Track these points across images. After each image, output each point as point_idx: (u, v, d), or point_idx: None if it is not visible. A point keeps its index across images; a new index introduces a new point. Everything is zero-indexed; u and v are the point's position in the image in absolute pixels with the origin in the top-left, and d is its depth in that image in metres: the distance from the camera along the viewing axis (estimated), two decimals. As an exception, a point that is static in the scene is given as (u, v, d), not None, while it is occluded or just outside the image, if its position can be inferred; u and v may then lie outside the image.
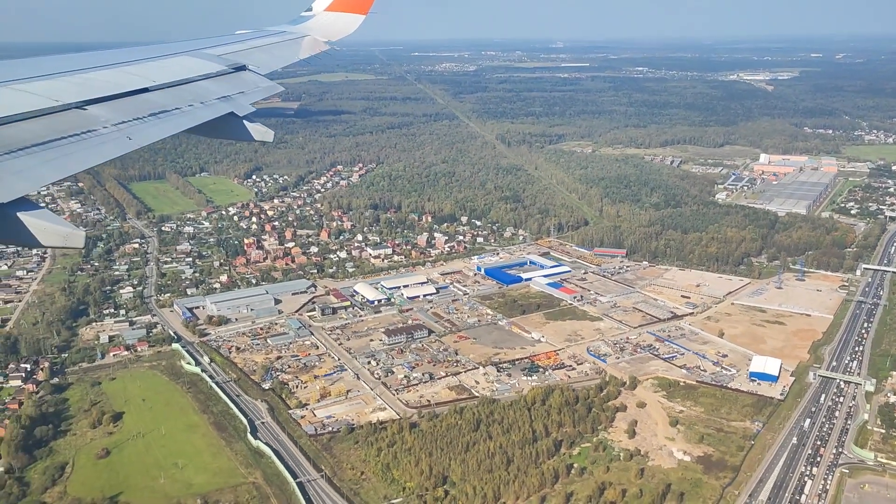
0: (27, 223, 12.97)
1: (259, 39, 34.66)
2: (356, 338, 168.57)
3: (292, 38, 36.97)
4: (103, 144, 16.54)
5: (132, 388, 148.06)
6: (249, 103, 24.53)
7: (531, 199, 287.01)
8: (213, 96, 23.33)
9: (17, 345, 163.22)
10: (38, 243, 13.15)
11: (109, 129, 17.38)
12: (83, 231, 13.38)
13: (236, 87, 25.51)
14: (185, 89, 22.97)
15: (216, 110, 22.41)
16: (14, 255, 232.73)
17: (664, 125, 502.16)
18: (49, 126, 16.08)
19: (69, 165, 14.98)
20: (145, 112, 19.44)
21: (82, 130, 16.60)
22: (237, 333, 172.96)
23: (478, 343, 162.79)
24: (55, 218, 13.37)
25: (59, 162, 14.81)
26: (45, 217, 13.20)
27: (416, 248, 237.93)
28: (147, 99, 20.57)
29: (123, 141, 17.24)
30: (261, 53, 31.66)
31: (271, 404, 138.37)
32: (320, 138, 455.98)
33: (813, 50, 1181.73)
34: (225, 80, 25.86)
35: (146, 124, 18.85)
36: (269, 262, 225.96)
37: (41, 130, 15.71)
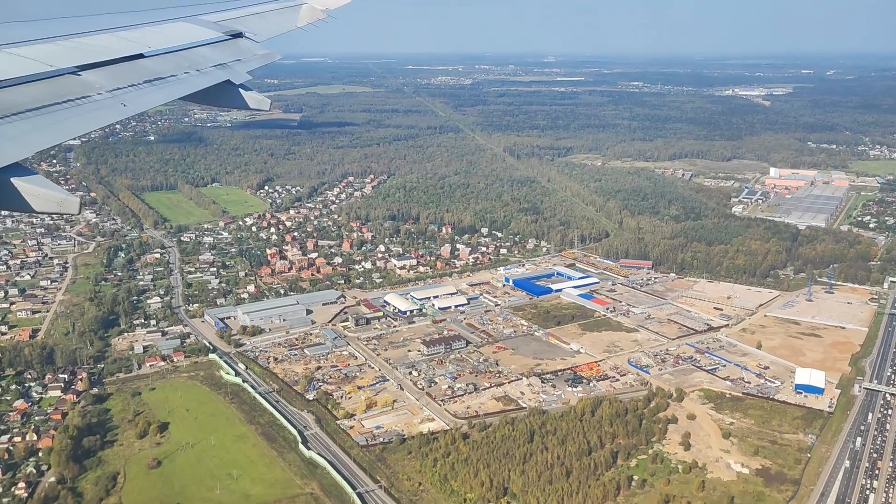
0: (21, 188, 12.89)
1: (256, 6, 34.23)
2: (393, 348, 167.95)
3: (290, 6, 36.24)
4: (98, 111, 16.38)
5: (173, 398, 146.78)
6: (246, 71, 24.36)
7: (550, 210, 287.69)
8: (209, 63, 23.17)
9: (52, 355, 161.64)
10: (31, 209, 13.08)
11: (104, 96, 17.18)
12: (77, 198, 13.35)
13: (233, 54, 25.41)
14: (181, 56, 22.79)
15: (212, 78, 22.24)
16: (36, 266, 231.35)
17: (670, 139, 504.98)
18: (43, 91, 15.90)
19: (63, 131, 14.89)
20: (140, 78, 19.25)
21: (77, 96, 16.41)
22: (273, 344, 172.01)
23: (517, 354, 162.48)
24: (49, 184, 13.28)
25: (54, 128, 14.71)
26: (38, 182, 13.13)
27: (441, 259, 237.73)
28: (142, 65, 20.36)
29: (118, 107, 17.08)
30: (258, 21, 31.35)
31: (317, 415, 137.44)
32: (328, 150, 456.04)
33: (803, 66, 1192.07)
34: (221, 47, 25.70)
35: (141, 91, 18.66)
36: (295, 273, 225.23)
37: (35, 95, 15.52)
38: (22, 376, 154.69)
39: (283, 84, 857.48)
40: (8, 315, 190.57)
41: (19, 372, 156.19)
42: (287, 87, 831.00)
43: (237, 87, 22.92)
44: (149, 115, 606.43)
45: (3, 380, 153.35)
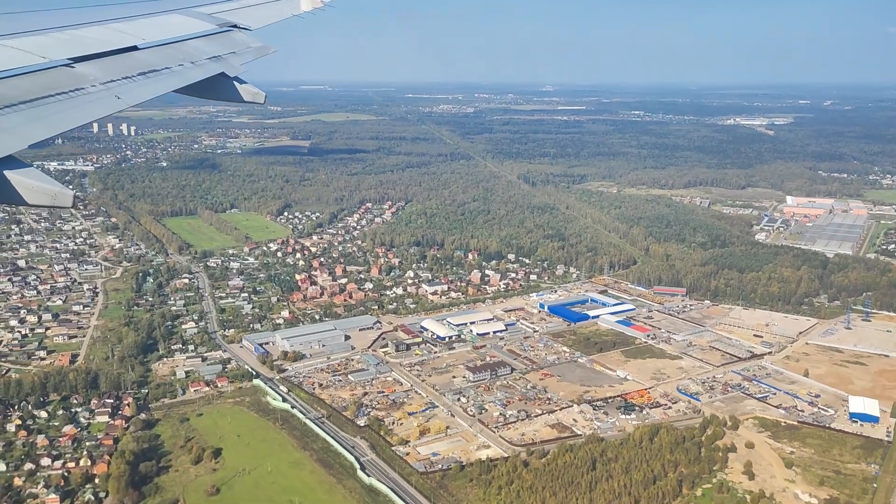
0: (14, 181, 12.78)
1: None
2: (437, 374, 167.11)
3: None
4: (92, 103, 16.32)
5: (222, 424, 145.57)
6: (240, 64, 24.23)
7: (575, 237, 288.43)
8: (203, 56, 23.05)
9: (96, 380, 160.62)
10: (24, 202, 12.94)
11: (98, 88, 17.11)
12: (71, 191, 13.29)
13: (227, 46, 25.26)
14: (175, 48, 22.70)
15: (207, 70, 22.14)
16: (66, 290, 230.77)
17: (682, 167, 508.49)
18: (36, 83, 15.82)
19: (57, 123, 14.83)
20: (134, 71, 19.14)
21: (70, 88, 16.33)
22: (315, 369, 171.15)
23: (564, 380, 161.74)
24: (43, 176, 13.22)
25: (47, 120, 14.67)
26: (32, 175, 13.02)
27: (471, 284, 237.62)
28: (136, 57, 20.26)
29: (112, 100, 17.00)
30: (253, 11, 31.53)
31: (371, 441, 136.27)
32: (342, 176, 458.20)
33: (799, 97, 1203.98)
34: (216, 39, 25.57)
35: (135, 83, 18.54)
36: (327, 298, 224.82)
37: (28, 88, 15.45)
38: (68, 401, 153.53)
39: (286, 111, 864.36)
40: (45, 340, 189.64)
41: (65, 397, 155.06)
42: (290, 115, 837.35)
43: (231, 80, 22.92)
44: (158, 142, 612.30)
45: (49, 405, 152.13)
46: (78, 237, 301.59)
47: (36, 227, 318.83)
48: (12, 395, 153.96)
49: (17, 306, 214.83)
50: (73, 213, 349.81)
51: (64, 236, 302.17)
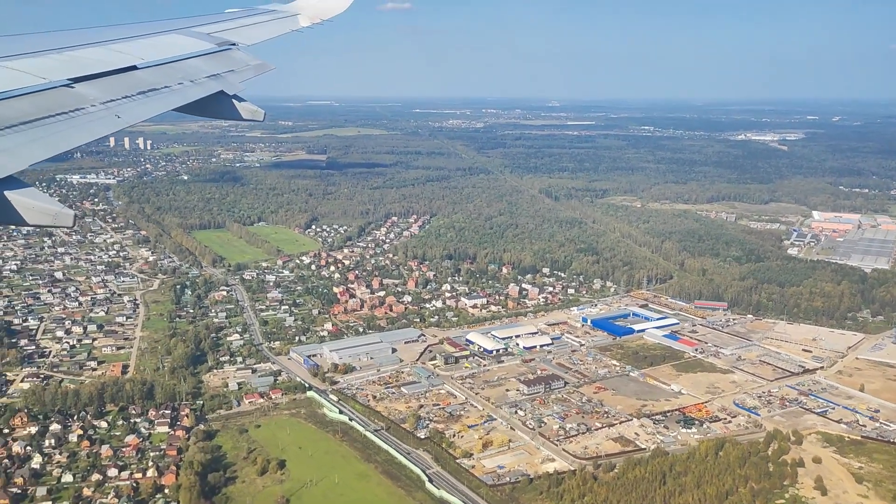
0: (14, 201, 12.75)
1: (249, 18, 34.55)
2: (489, 387, 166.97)
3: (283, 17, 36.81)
4: (92, 123, 16.41)
5: (282, 435, 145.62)
6: (239, 82, 24.41)
7: (609, 251, 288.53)
8: (202, 74, 23.22)
9: (152, 391, 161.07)
10: (24, 222, 12.90)
11: (98, 108, 17.22)
12: (72, 211, 13.27)
13: (226, 65, 25.44)
14: (175, 67, 22.87)
15: (206, 89, 22.30)
16: (107, 302, 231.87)
17: (702, 182, 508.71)
18: (36, 104, 15.92)
19: (57, 144, 14.88)
20: (134, 90, 19.32)
21: (70, 108, 16.45)
22: (367, 381, 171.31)
23: (618, 394, 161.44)
24: (43, 196, 13.20)
25: (47, 140, 14.72)
26: (32, 195, 12.98)
27: (510, 298, 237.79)
28: (136, 77, 20.44)
29: (112, 119, 17.10)
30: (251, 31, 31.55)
31: (433, 453, 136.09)
32: (365, 190, 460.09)
33: (805, 113, 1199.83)
34: (214, 58, 25.70)
35: (135, 103, 18.71)
36: (367, 311, 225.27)
37: (28, 108, 15.53)
38: (126, 412, 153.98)
39: (297, 126, 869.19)
40: (93, 351, 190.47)
41: (122, 407, 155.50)
42: (302, 129, 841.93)
43: (230, 98, 22.98)
44: (176, 156, 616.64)
45: (107, 415, 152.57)
46: (111, 249, 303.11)
47: (68, 239, 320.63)
48: (70, 405, 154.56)
49: (62, 317, 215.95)
50: (103, 225, 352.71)
51: (97, 249, 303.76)
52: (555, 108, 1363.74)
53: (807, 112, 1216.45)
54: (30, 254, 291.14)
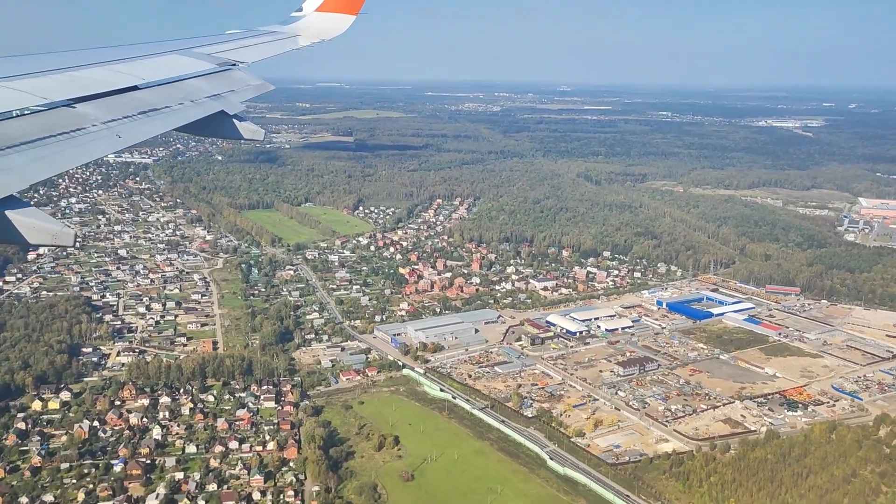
0: (15, 221, 12.84)
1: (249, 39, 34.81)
2: (582, 368, 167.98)
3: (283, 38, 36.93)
4: (93, 143, 16.44)
5: (387, 412, 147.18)
6: (240, 102, 24.53)
7: (667, 235, 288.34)
8: (203, 95, 23.31)
9: (251, 366, 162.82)
10: (25, 242, 12.96)
11: (99, 127, 17.25)
12: (72, 229, 13.33)
13: (227, 85, 25.54)
14: (176, 87, 22.97)
15: (206, 109, 22.42)
16: (177, 280, 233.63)
17: (739, 168, 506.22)
18: (37, 124, 15.97)
19: (58, 163, 14.90)
20: (135, 110, 19.41)
21: (71, 128, 16.48)
22: (458, 361, 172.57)
23: (714, 377, 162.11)
24: (44, 216, 13.24)
25: (48, 160, 14.73)
26: (33, 215, 13.06)
27: (577, 281, 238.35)
28: (137, 97, 20.53)
29: (113, 139, 17.16)
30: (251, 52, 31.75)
31: (544, 432, 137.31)
32: (402, 172, 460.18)
33: (821, 100, 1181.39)
34: (215, 78, 25.82)
35: (136, 122, 18.82)
36: (438, 292, 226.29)
37: (30, 128, 15.55)
38: (228, 386, 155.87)
39: (315, 108, 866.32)
40: (177, 327, 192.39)
41: (224, 383, 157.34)
42: (320, 111, 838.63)
43: (231, 118, 22.94)
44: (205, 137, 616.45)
45: (210, 389, 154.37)
46: (166, 228, 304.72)
47: (122, 217, 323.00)
48: (173, 378, 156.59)
49: (138, 294, 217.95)
50: (152, 204, 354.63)
51: (152, 227, 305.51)
52: (567, 93, 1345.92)
53: (821, 99, 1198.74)
54: (88, 231, 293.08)
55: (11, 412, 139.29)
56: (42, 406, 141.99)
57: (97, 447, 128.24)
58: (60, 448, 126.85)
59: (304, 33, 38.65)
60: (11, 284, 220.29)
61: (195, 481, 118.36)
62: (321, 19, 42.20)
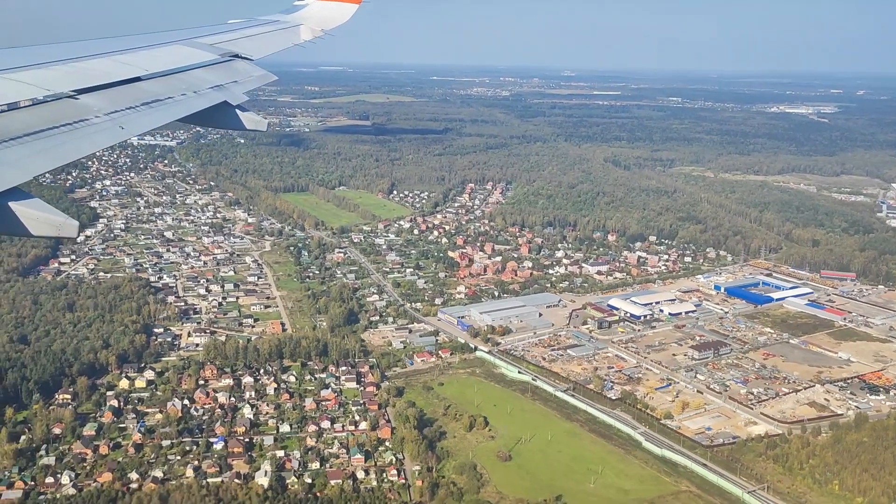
0: (18, 213, 12.83)
1: (252, 28, 34.64)
2: (654, 351, 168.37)
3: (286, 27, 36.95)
4: (95, 134, 16.42)
5: (469, 393, 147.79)
6: (243, 92, 24.54)
7: (712, 220, 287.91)
8: (206, 85, 23.28)
9: (326, 348, 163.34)
10: (28, 233, 12.97)
11: (101, 119, 17.21)
12: (76, 221, 13.32)
13: (229, 75, 25.52)
14: (178, 78, 22.91)
15: (209, 99, 22.37)
16: (229, 262, 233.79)
17: (765, 154, 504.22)
18: (40, 115, 15.94)
19: (61, 155, 14.89)
20: (138, 101, 19.35)
21: (74, 120, 16.44)
22: (528, 343, 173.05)
23: (788, 361, 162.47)
24: (48, 207, 13.21)
25: (52, 152, 14.72)
26: (36, 206, 13.03)
27: (629, 265, 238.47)
28: (140, 88, 20.46)
29: (115, 130, 17.14)
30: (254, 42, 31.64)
31: (632, 414, 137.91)
32: (428, 157, 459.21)
33: (828, 86, 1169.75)
34: (218, 68, 25.81)
35: (139, 113, 18.75)
36: (492, 275, 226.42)
37: (32, 120, 15.56)
38: (307, 367, 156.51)
39: (325, 92, 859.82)
40: (241, 308, 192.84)
41: (303, 364, 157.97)
42: (330, 95, 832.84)
43: (234, 108, 22.86)
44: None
45: (288, 370, 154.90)
46: (206, 211, 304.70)
47: (159, 200, 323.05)
48: (250, 359, 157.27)
49: (194, 276, 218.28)
50: (187, 187, 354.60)
51: (192, 210, 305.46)
52: (571, 78, 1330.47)
53: (826, 86, 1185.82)
54: (129, 214, 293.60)
55: (100, 390, 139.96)
56: (129, 385, 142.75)
57: (192, 425, 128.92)
58: (157, 426, 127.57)
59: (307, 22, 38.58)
60: (67, 265, 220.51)
61: (297, 460, 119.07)
62: (324, 8, 42.38)
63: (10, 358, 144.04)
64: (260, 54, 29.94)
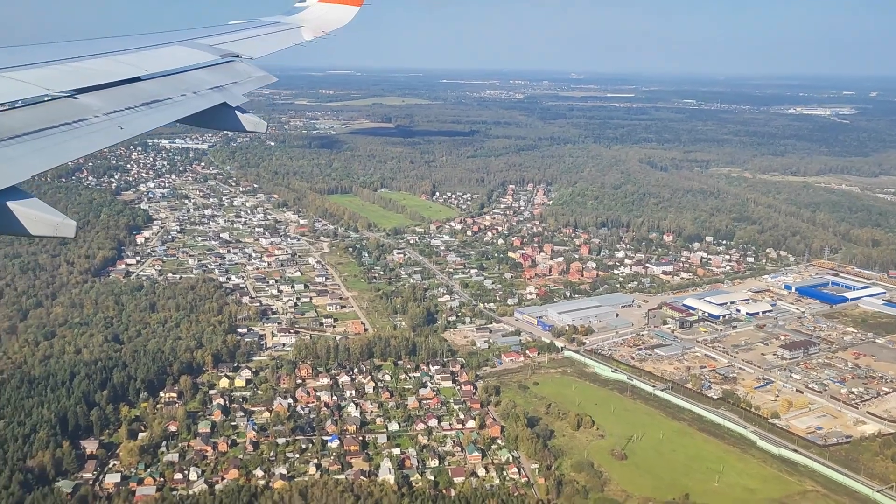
0: (17, 212, 12.76)
1: (253, 30, 34.58)
2: (742, 351, 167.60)
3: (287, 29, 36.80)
4: (94, 134, 16.35)
5: (566, 392, 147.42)
6: (242, 93, 24.42)
7: (765, 220, 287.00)
8: (206, 86, 23.14)
9: (415, 347, 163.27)
10: (27, 232, 12.88)
11: (101, 119, 17.13)
12: (74, 221, 13.16)
13: (229, 77, 25.41)
14: (178, 79, 22.80)
15: (209, 100, 22.22)
16: (292, 263, 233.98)
17: (799, 155, 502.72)
18: (40, 115, 15.86)
19: (60, 155, 14.84)
20: (137, 101, 19.22)
21: (73, 119, 16.36)
22: (613, 343, 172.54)
23: (880, 360, 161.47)
24: (46, 207, 13.12)
25: (50, 151, 14.66)
26: (35, 206, 12.96)
27: (693, 265, 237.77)
28: (139, 88, 20.38)
29: (115, 130, 17.03)
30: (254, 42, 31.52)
31: (737, 413, 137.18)
32: (462, 159, 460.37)
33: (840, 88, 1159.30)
34: (218, 69, 25.71)
35: (138, 114, 18.65)
36: (558, 276, 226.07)
37: (32, 119, 15.48)
38: (398, 366, 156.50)
39: (340, 95, 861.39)
40: (317, 309, 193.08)
41: (394, 363, 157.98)
42: (346, 98, 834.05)
43: (233, 110, 22.75)
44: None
45: (380, 369, 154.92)
46: (256, 213, 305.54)
47: (206, 202, 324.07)
48: (342, 358, 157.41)
49: (261, 276, 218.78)
50: (230, 189, 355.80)
51: (241, 212, 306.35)
52: (580, 81, 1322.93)
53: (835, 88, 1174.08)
54: (181, 216, 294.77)
55: (202, 389, 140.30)
56: (229, 384, 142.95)
57: (302, 423, 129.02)
58: (268, 424, 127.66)
59: (308, 24, 38.49)
60: (134, 266, 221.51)
61: (414, 457, 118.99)
62: (325, 10, 42.32)
63: (111, 357, 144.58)
64: (260, 54, 30.19)
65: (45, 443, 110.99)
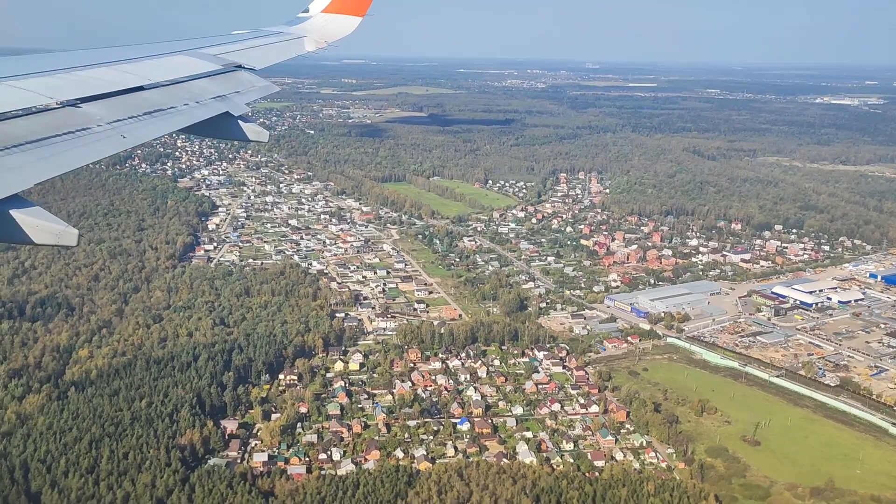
0: (19, 221, 12.74)
1: (255, 40, 34.23)
2: (845, 339, 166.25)
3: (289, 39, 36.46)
4: (97, 142, 16.33)
5: (679, 378, 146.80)
6: (245, 103, 24.14)
7: (833, 209, 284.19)
8: (208, 95, 23.10)
9: (517, 333, 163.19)
10: (30, 241, 12.87)
11: (104, 128, 17.09)
12: (76, 230, 13.17)
13: (232, 86, 25.28)
14: (181, 88, 22.83)
15: (211, 109, 22.17)
16: (367, 250, 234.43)
17: (844, 144, 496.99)
18: (43, 123, 15.85)
19: (63, 163, 14.81)
20: (140, 110, 19.18)
21: (76, 128, 16.35)
22: (712, 330, 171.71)
23: None
24: (48, 216, 13.10)
25: (53, 160, 14.66)
26: (37, 215, 12.94)
27: (770, 254, 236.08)
28: (142, 97, 20.34)
29: (117, 139, 17.00)
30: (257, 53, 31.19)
31: (860, 400, 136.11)
32: (505, 147, 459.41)
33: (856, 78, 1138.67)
34: (221, 79, 25.59)
35: (141, 123, 18.61)
36: (636, 263, 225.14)
37: (35, 128, 15.45)
38: (504, 351, 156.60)
39: (363, 84, 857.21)
40: (406, 294, 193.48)
41: (500, 347, 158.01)
42: (370, 87, 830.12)
43: (236, 119, 22.61)
44: (279, 111, 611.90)
45: (485, 354, 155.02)
46: (317, 200, 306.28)
47: (262, 189, 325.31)
48: (447, 343, 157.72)
49: (341, 262, 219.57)
50: (284, 176, 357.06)
51: (301, 199, 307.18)
52: (597, 70, 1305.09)
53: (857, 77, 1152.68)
54: (244, 203, 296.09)
55: (318, 372, 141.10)
56: (343, 367, 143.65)
57: (425, 406, 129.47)
58: (395, 406, 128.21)
59: (311, 34, 38.44)
60: (213, 252, 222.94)
61: (548, 441, 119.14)
62: (327, 20, 42.33)
63: (226, 340, 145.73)
64: (263, 64, 30.13)
65: (191, 422, 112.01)
